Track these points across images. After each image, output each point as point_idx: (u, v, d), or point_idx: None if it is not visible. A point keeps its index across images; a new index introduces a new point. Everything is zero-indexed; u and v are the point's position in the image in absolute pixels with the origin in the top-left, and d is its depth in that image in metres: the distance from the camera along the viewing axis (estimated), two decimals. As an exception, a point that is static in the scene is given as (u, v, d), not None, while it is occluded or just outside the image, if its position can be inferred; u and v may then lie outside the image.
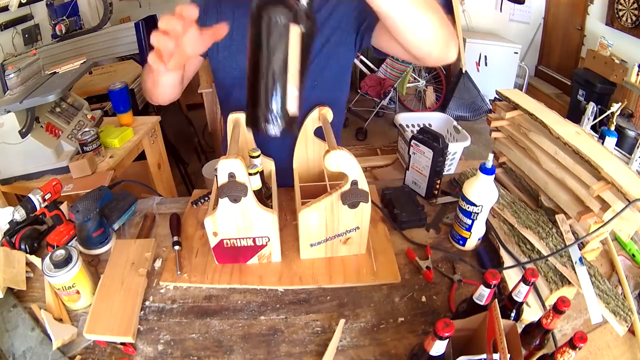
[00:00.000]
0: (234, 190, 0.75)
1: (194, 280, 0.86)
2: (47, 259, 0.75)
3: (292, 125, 0.58)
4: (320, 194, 0.82)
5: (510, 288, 0.67)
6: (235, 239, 0.84)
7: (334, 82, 1.05)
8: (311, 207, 0.80)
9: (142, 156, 1.87)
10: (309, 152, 1.02)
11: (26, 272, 0.86)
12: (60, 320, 0.77)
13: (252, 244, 0.85)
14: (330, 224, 0.84)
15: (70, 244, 0.93)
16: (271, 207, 0.83)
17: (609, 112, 1.59)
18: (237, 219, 0.80)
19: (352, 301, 0.82)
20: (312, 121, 0.97)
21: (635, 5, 2.90)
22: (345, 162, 0.75)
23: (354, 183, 0.78)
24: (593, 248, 0.85)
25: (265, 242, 0.85)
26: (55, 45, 2.72)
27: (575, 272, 0.77)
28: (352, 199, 0.78)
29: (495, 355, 0.53)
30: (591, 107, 2.39)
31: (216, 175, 0.76)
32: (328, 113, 0.95)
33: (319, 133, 0.97)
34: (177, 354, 0.72)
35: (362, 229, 0.87)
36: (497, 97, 1.10)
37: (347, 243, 0.89)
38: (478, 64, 3.95)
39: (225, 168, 0.73)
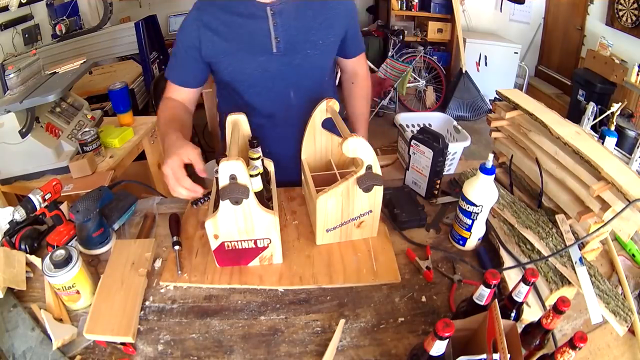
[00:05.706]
0: (235, 192, 0.75)
1: (194, 280, 0.86)
2: (47, 259, 0.75)
3: None
4: (330, 182, 0.84)
5: (510, 288, 0.67)
6: (237, 241, 0.84)
7: None
8: (328, 193, 0.83)
9: (142, 156, 1.87)
10: (317, 144, 1.04)
11: (26, 272, 0.86)
12: (60, 320, 0.77)
13: (254, 246, 0.85)
14: (346, 208, 0.87)
15: (70, 244, 0.93)
16: (271, 209, 0.83)
17: (609, 112, 1.59)
18: (238, 221, 0.80)
19: (352, 301, 0.82)
20: (320, 113, 0.98)
21: (635, 5, 2.90)
22: (361, 148, 0.80)
23: (369, 167, 0.82)
24: (593, 248, 0.85)
25: (267, 244, 0.85)
26: (55, 45, 2.70)
27: (575, 272, 0.76)
28: (367, 182, 0.82)
29: (495, 355, 0.53)
30: (591, 107, 2.40)
31: (217, 177, 0.76)
32: (335, 105, 0.97)
33: (326, 125, 1.00)
34: (177, 354, 0.72)
35: (374, 212, 0.91)
36: (497, 97, 1.10)
37: (361, 227, 0.92)
38: (478, 64, 3.95)
39: (226, 170, 0.73)
